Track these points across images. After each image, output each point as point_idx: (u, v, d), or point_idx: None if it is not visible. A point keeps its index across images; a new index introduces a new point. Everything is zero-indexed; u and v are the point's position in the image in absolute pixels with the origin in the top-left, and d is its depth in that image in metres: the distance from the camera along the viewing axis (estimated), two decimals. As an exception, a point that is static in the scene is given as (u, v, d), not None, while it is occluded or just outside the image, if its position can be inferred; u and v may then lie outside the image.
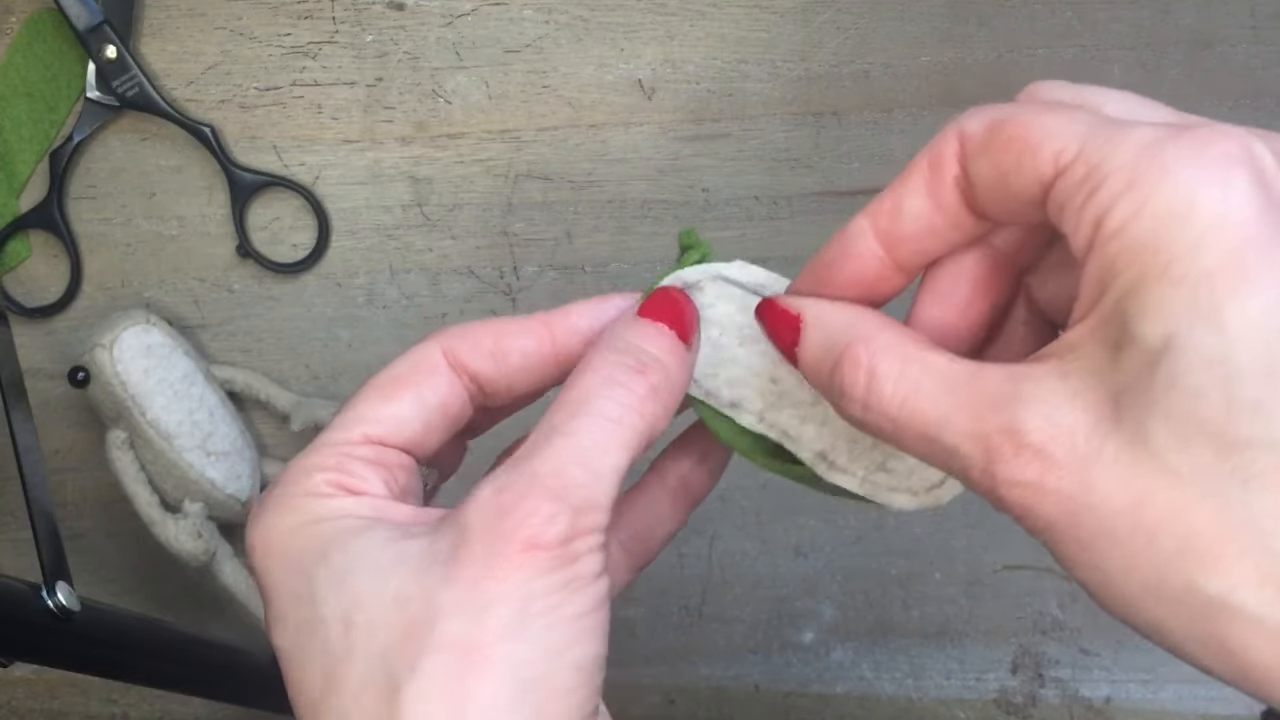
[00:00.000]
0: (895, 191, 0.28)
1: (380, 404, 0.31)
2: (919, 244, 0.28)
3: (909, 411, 0.26)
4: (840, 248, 0.29)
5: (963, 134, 0.27)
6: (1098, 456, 0.23)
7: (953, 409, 0.26)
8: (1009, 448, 0.24)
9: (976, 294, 0.29)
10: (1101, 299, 0.24)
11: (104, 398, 0.61)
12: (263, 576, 0.29)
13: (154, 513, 0.62)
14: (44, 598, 0.47)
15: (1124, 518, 0.23)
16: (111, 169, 0.66)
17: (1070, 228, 0.24)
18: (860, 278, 0.29)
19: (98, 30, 0.64)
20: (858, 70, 0.65)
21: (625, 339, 0.30)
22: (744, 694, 0.67)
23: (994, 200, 0.27)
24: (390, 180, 0.66)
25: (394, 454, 0.31)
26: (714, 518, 0.66)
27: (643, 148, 0.66)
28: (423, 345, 0.32)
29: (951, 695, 0.67)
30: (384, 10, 0.65)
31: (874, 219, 0.29)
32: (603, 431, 0.28)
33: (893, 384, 0.27)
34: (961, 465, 0.25)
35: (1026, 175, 0.25)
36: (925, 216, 0.28)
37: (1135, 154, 0.23)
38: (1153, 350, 0.23)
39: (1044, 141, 0.25)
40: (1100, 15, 0.65)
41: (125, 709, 0.68)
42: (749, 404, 0.32)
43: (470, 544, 0.27)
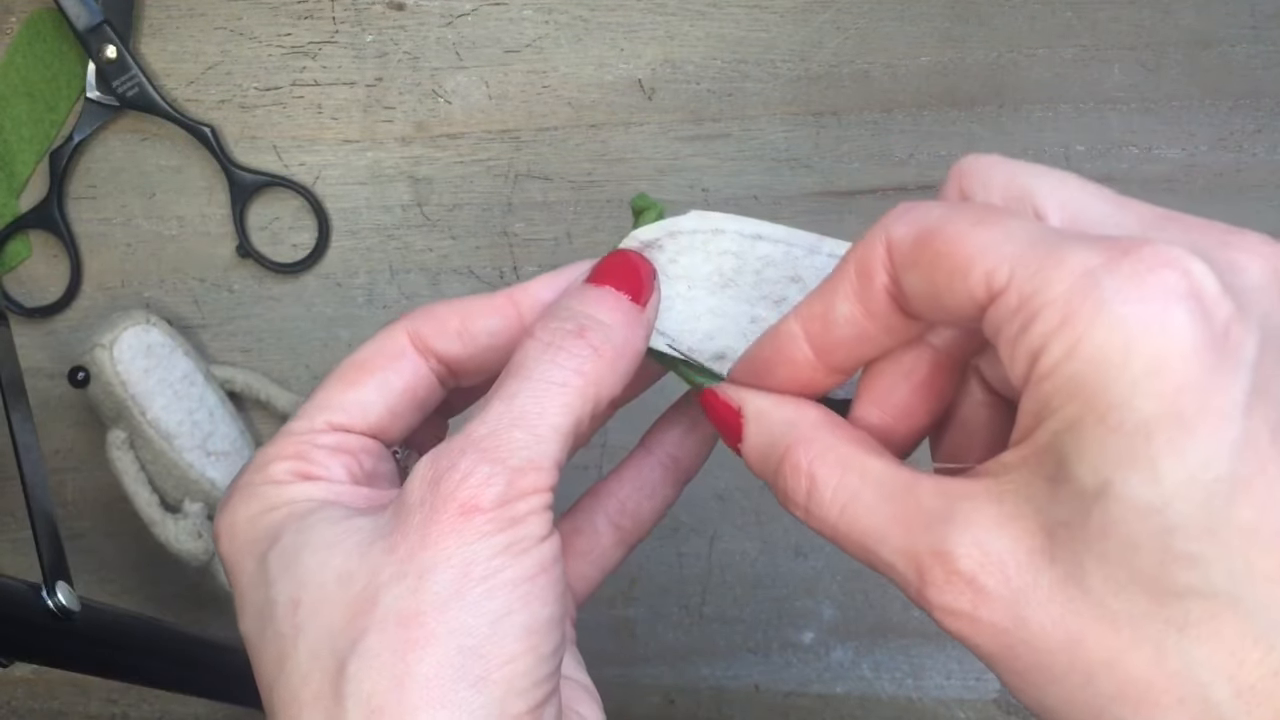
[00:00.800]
0: (824, 297, 0.27)
1: (344, 390, 0.31)
2: (851, 349, 0.27)
3: (847, 521, 0.26)
4: (773, 350, 0.29)
5: (890, 241, 0.26)
6: (1031, 591, 0.23)
7: (888, 521, 0.25)
8: (940, 572, 0.24)
9: (917, 396, 0.28)
10: (1037, 431, 0.23)
11: (104, 398, 0.61)
12: (227, 564, 0.29)
13: (154, 513, 0.62)
14: (44, 598, 0.47)
15: (1060, 655, 0.23)
16: (111, 169, 0.66)
17: (1005, 356, 0.23)
18: (793, 379, 0.28)
19: (98, 30, 0.64)
20: (858, 70, 0.65)
21: (568, 305, 0.30)
22: (744, 694, 0.67)
23: (928, 310, 0.26)
24: (390, 180, 0.66)
25: (357, 440, 0.31)
26: (714, 518, 0.66)
27: (643, 148, 0.66)
28: (388, 329, 0.32)
29: (951, 695, 0.67)
30: (384, 10, 0.65)
31: (804, 323, 0.28)
32: (543, 393, 0.28)
33: (831, 491, 0.26)
34: (900, 581, 0.25)
35: (959, 294, 0.24)
36: (856, 323, 0.27)
37: (1069, 286, 0.22)
38: (1089, 493, 0.22)
39: (974, 260, 0.24)
40: (1100, 15, 0.65)
41: (125, 709, 0.68)
42: (732, 351, 0.32)
43: (408, 514, 0.26)
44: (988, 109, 0.65)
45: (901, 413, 0.28)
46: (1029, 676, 0.24)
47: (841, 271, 0.27)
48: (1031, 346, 0.23)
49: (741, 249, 0.32)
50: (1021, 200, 0.26)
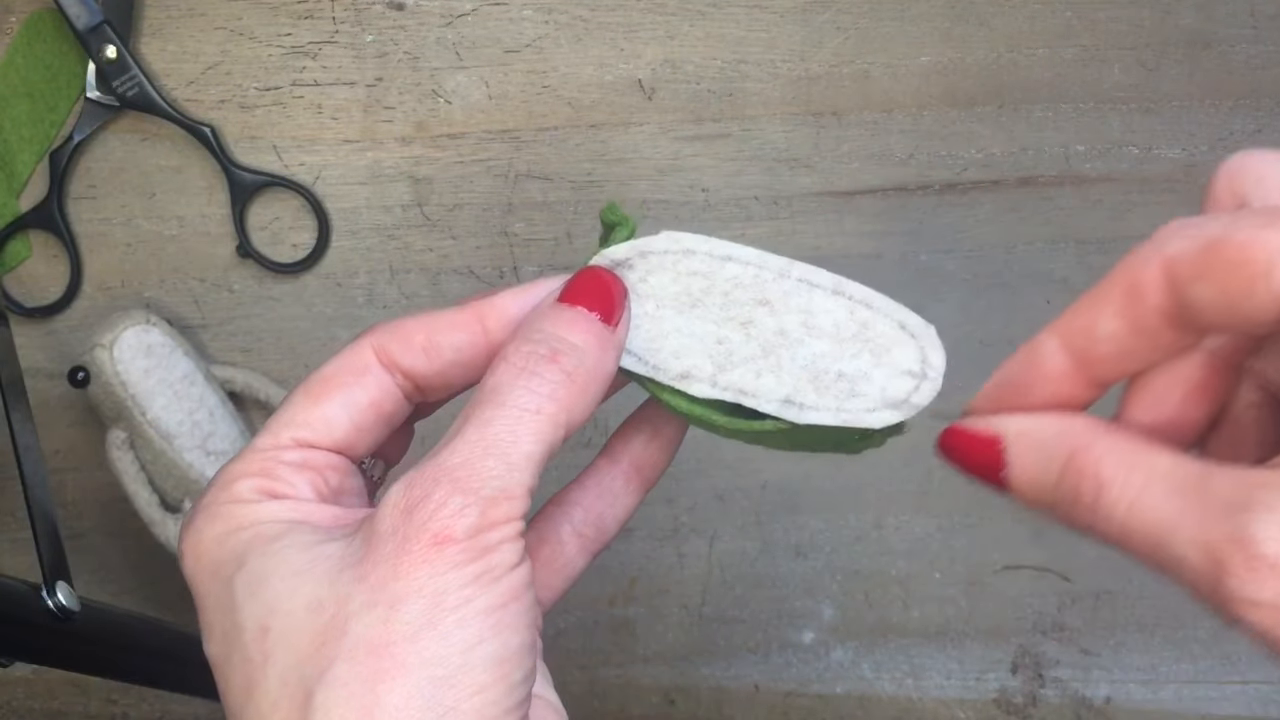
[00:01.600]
0: (1086, 313, 0.27)
1: (309, 406, 0.30)
2: (1114, 364, 0.27)
3: (1136, 515, 0.25)
4: (1028, 367, 0.28)
5: (1167, 259, 0.25)
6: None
7: (1180, 514, 0.24)
8: (1240, 560, 0.23)
9: (1191, 400, 0.27)
10: None
11: (104, 398, 0.61)
12: (193, 586, 0.29)
13: (154, 513, 0.62)
14: (44, 598, 0.47)
15: None
16: (111, 169, 0.66)
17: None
18: (1051, 396, 0.28)
19: (98, 30, 0.64)
20: (858, 70, 0.65)
21: (540, 327, 0.30)
22: (744, 694, 0.67)
23: (1222, 320, 0.25)
24: (390, 180, 0.66)
25: (322, 456, 0.30)
26: (714, 518, 0.66)
27: (643, 148, 0.66)
28: (353, 344, 0.31)
29: (951, 695, 0.67)
30: (384, 10, 0.65)
31: (1065, 337, 0.27)
32: (516, 420, 0.28)
33: (1119, 488, 0.25)
34: (1191, 578, 0.24)
35: (1260, 298, 0.24)
36: (1122, 340, 0.26)
37: None
38: None
39: (1274, 260, 0.23)
40: (1100, 15, 0.65)
41: (125, 709, 0.68)
42: (699, 370, 0.32)
43: (380, 543, 0.26)
44: (988, 109, 0.65)
45: (1172, 418, 0.28)
46: None
47: (1105, 290, 0.26)
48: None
49: (711, 270, 0.32)
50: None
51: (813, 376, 0.31)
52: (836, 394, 0.31)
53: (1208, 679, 0.67)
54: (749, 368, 0.32)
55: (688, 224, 0.65)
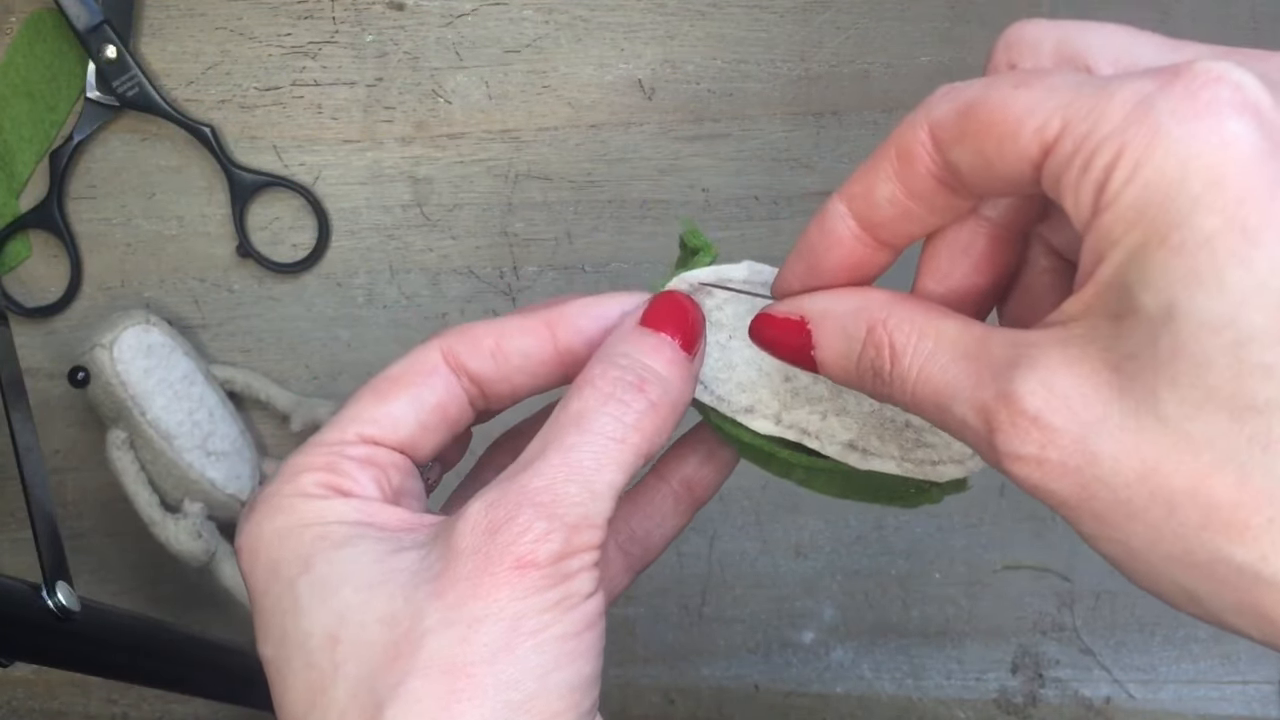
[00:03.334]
0: (865, 177, 0.27)
1: (376, 404, 0.30)
2: (897, 227, 0.28)
3: (923, 381, 0.26)
4: (820, 233, 0.28)
5: (932, 122, 0.26)
6: (1101, 424, 0.23)
7: (961, 377, 0.25)
8: (1005, 415, 0.23)
9: (977, 270, 0.28)
10: (1099, 268, 0.23)
11: (104, 398, 0.61)
12: (249, 581, 0.29)
13: (154, 513, 0.62)
14: (44, 598, 0.47)
15: (1138, 488, 0.22)
16: (111, 169, 0.66)
17: (1069, 204, 0.23)
18: (846, 260, 0.28)
19: (98, 30, 0.64)
20: (858, 70, 0.65)
21: (626, 352, 0.30)
22: (744, 694, 0.67)
23: (981, 182, 0.26)
24: (390, 180, 0.66)
25: (387, 454, 0.30)
26: (714, 518, 0.66)
27: (643, 148, 0.66)
28: (423, 346, 0.31)
29: (951, 695, 0.67)
30: (384, 10, 0.65)
31: (849, 201, 0.28)
32: (601, 449, 0.28)
33: (909, 356, 0.26)
34: (973, 438, 0.25)
35: (1010, 158, 0.24)
36: (899, 204, 0.27)
37: (1123, 118, 0.22)
38: (1155, 319, 0.22)
39: (1023, 120, 0.24)
40: (1100, 16, 0.65)
41: (125, 709, 0.68)
42: (764, 406, 0.32)
43: (459, 561, 0.26)
44: (988, 109, 0.65)
45: (963, 287, 0.28)
46: (1108, 518, 0.23)
47: (881, 154, 0.27)
48: (1094, 184, 0.23)
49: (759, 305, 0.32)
50: (1074, 61, 0.26)
51: (879, 423, 0.31)
52: (902, 443, 0.31)
53: (1208, 679, 0.67)
54: (815, 408, 0.31)
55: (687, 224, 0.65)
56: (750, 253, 0.69)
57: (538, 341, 0.31)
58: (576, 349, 0.31)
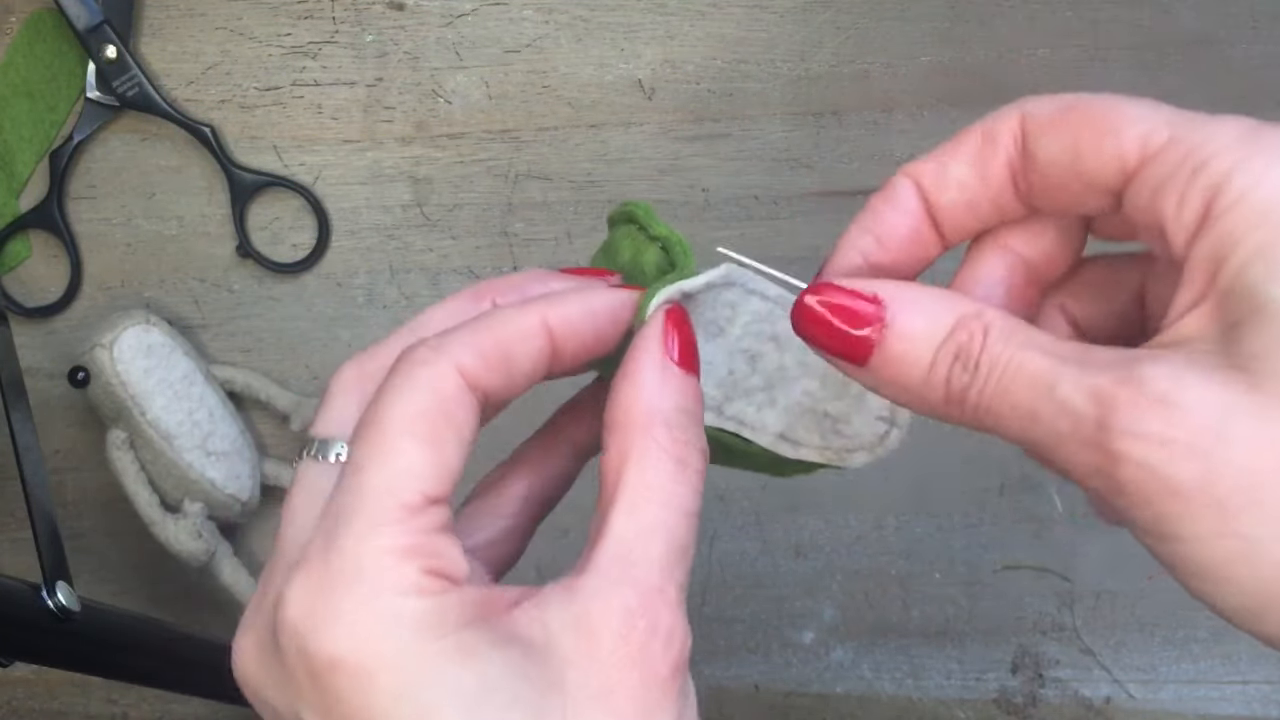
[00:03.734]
0: (941, 156, 0.28)
1: (427, 452, 0.26)
2: (957, 214, 0.28)
3: (1017, 368, 0.25)
4: (888, 203, 0.28)
5: (1026, 114, 0.27)
6: (1234, 411, 0.22)
7: (1066, 366, 0.24)
8: (1129, 396, 0.23)
9: (1008, 307, 0.28)
10: (1218, 275, 0.23)
11: (104, 398, 0.61)
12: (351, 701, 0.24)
13: (154, 513, 0.62)
14: (44, 598, 0.47)
15: (1272, 477, 0.22)
16: (111, 169, 0.66)
17: (1170, 210, 0.24)
18: (911, 235, 0.28)
19: (98, 30, 0.64)
20: (858, 70, 0.65)
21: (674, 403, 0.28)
22: (744, 694, 0.67)
23: (1056, 182, 0.26)
24: (390, 180, 0.66)
25: (448, 511, 0.26)
26: (714, 518, 0.66)
27: (643, 148, 0.66)
28: (434, 367, 0.27)
29: (951, 695, 0.67)
30: (384, 10, 0.65)
31: (918, 178, 0.28)
32: (687, 527, 0.27)
33: (1003, 345, 0.25)
34: (1070, 421, 0.24)
35: (1106, 155, 0.25)
36: (969, 187, 0.27)
37: (1237, 136, 0.24)
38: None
39: (1129, 122, 0.25)
40: (1100, 15, 0.65)
41: (125, 709, 0.68)
42: (709, 399, 0.32)
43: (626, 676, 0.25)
44: (988, 109, 0.65)
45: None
46: (1230, 505, 0.22)
47: (966, 136, 0.28)
48: (1209, 186, 0.23)
49: (739, 302, 0.32)
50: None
51: (802, 414, 0.32)
52: (823, 431, 0.32)
53: (1208, 679, 0.67)
54: (751, 400, 0.32)
55: (687, 224, 0.65)
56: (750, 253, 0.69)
57: (540, 344, 0.29)
58: (570, 342, 0.30)
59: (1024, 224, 0.29)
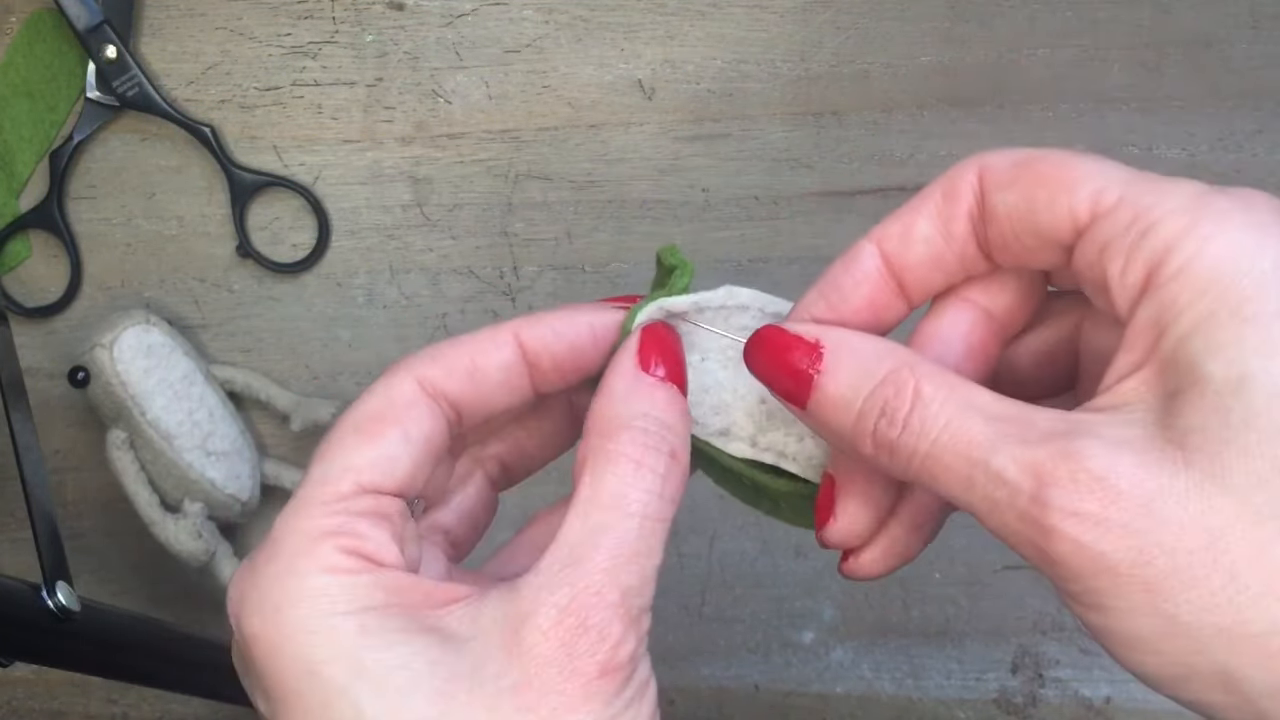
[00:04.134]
0: (905, 216, 0.28)
1: (366, 446, 0.28)
2: (923, 273, 0.28)
3: (952, 431, 0.25)
4: (847, 270, 0.29)
5: (984, 167, 0.27)
6: (1168, 491, 0.22)
7: (1000, 435, 0.24)
8: (1065, 473, 0.23)
9: (969, 359, 0.29)
10: (1160, 342, 0.23)
11: (104, 397, 0.61)
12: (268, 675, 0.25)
13: (154, 513, 0.62)
14: (44, 598, 0.47)
15: (1200, 555, 0.22)
16: (111, 169, 0.66)
17: (1116, 270, 0.24)
18: (868, 301, 0.28)
19: (98, 30, 0.64)
20: (858, 70, 0.65)
21: (645, 412, 0.28)
22: (744, 694, 0.67)
23: (1012, 237, 0.27)
24: (390, 180, 0.66)
25: (389, 501, 0.28)
26: (714, 518, 0.66)
27: (643, 148, 0.66)
28: (392, 378, 0.29)
29: (951, 695, 0.67)
30: (384, 10, 0.65)
31: (880, 242, 0.28)
32: (649, 531, 0.27)
33: (938, 405, 0.25)
34: (1004, 495, 0.24)
35: (1059, 212, 0.25)
36: (934, 244, 0.28)
37: (1186, 201, 0.24)
38: (1225, 389, 0.22)
39: (1083, 180, 0.25)
40: (1100, 15, 0.65)
41: (125, 709, 0.68)
42: (739, 429, 0.31)
43: (543, 671, 0.25)
44: (988, 109, 0.65)
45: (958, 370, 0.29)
46: (1160, 587, 0.22)
47: (927, 194, 0.28)
48: (1154, 252, 0.24)
49: (750, 326, 0.31)
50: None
51: None
52: None
53: (1208, 679, 0.67)
54: (791, 431, 0.31)
55: (688, 224, 0.65)
56: (750, 253, 0.69)
57: (511, 355, 0.30)
58: (545, 363, 0.30)
59: (985, 278, 0.29)
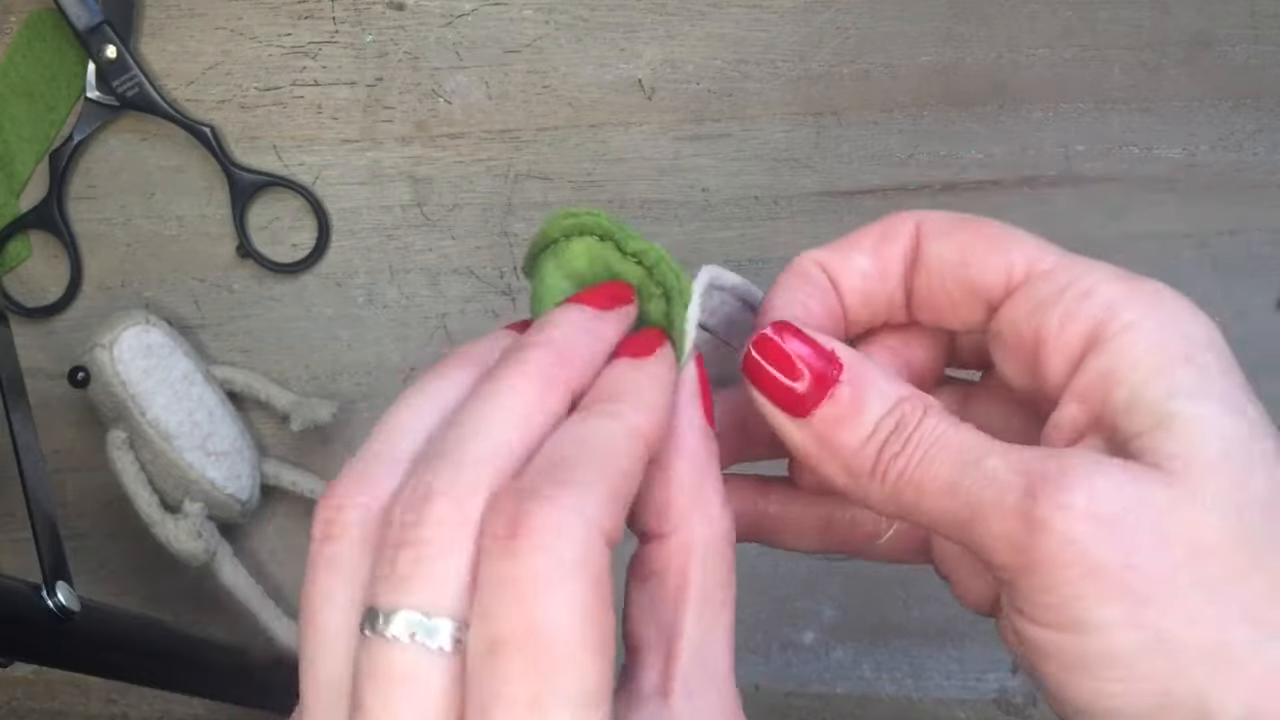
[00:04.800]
0: (842, 247, 0.29)
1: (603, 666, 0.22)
2: (856, 301, 0.29)
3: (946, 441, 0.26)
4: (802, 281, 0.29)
5: (922, 219, 0.28)
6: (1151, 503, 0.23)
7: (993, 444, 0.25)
8: (1055, 469, 0.24)
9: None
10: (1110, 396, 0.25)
11: (104, 398, 0.61)
12: None
13: (154, 513, 0.62)
14: (44, 598, 0.47)
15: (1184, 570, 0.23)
16: (111, 169, 0.66)
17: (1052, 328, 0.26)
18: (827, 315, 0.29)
19: (97, 30, 0.64)
20: (858, 70, 0.65)
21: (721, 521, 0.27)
22: (744, 694, 0.67)
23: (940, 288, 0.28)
24: (390, 180, 0.66)
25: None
26: (714, 518, 0.66)
27: (643, 148, 0.66)
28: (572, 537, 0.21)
29: (952, 695, 0.67)
30: (384, 10, 0.65)
31: (822, 262, 0.29)
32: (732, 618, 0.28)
33: (937, 420, 0.26)
34: (995, 492, 0.24)
35: (992, 266, 0.27)
36: (869, 279, 0.29)
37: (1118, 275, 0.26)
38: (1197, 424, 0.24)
39: (1018, 244, 0.27)
40: (1100, 15, 0.65)
41: (125, 709, 0.68)
42: None
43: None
44: (988, 109, 0.65)
45: None
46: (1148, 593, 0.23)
47: (864, 231, 0.29)
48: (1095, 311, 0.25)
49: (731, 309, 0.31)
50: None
51: None
52: None
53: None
54: None
55: (688, 224, 0.65)
56: (750, 253, 0.69)
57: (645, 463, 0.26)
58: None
59: (905, 330, 0.30)
